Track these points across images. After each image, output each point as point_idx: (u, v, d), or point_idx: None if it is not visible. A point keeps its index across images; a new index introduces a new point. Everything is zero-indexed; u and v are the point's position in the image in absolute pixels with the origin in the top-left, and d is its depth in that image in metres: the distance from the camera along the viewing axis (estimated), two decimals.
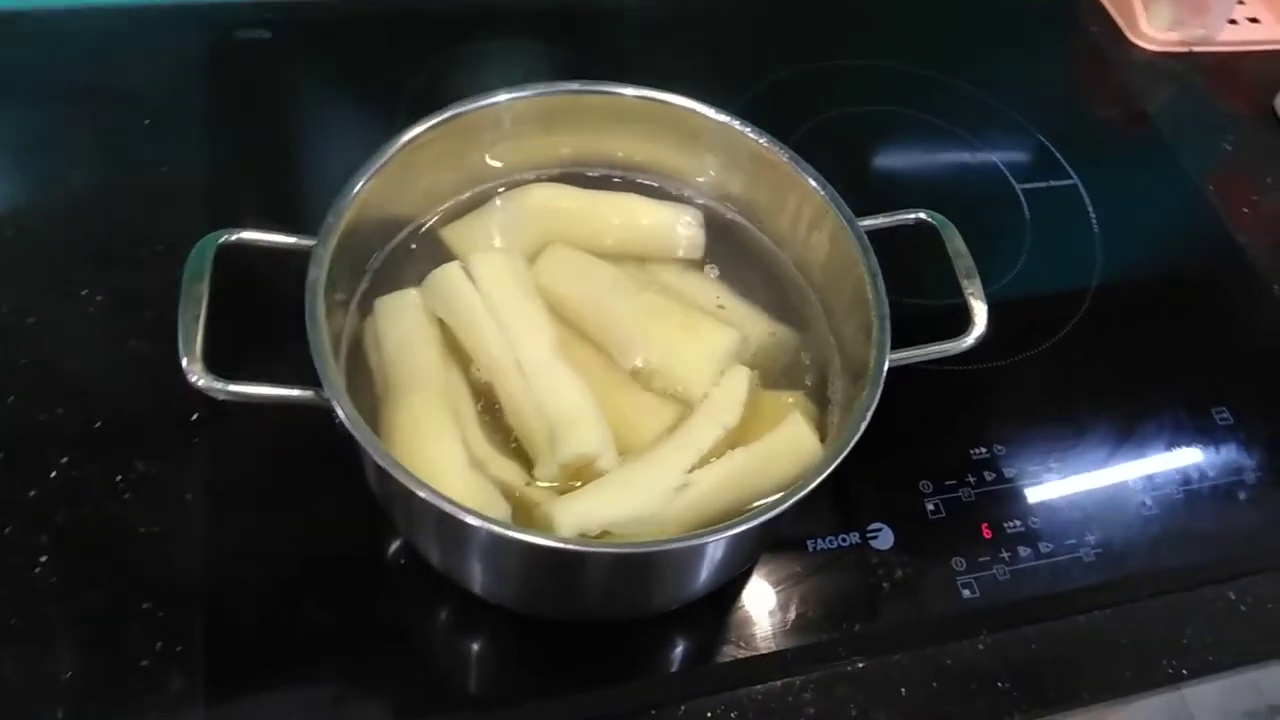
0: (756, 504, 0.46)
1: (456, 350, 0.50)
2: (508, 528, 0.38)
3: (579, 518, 0.43)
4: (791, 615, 0.53)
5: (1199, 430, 0.63)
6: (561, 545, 0.38)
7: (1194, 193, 0.78)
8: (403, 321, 0.50)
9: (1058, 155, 0.78)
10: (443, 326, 0.50)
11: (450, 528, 0.39)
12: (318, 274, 0.43)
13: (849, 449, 0.42)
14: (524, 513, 0.45)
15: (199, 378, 0.40)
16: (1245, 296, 0.72)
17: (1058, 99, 0.84)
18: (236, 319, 0.50)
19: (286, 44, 0.73)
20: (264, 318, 0.48)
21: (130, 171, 0.65)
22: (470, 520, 0.38)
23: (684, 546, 0.39)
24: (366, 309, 0.51)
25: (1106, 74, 0.86)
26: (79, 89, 0.69)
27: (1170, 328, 0.69)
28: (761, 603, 0.53)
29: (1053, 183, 0.76)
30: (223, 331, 0.45)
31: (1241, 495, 0.61)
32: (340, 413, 0.40)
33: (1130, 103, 0.83)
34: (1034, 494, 0.59)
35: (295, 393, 0.42)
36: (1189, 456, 0.62)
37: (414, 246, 0.54)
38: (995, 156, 0.77)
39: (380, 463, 0.39)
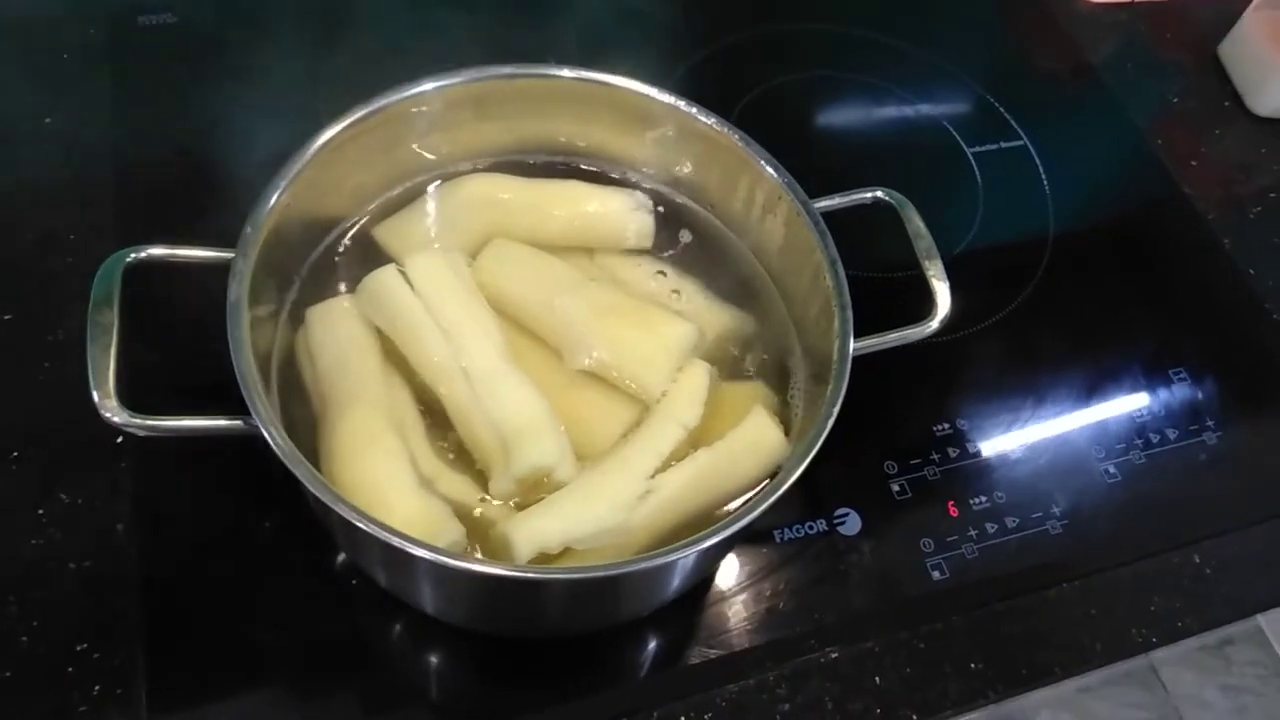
0: (723, 507, 0.44)
1: (397, 359, 0.47)
2: (460, 559, 0.36)
3: (538, 537, 0.40)
4: (762, 609, 0.51)
5: (1158, 393, 0.63)
6: (518, 575, 0.36)
7: (1142, 147, 0.77)
8: (337, 332, 0.47)
9: (1006, 115, 0.76)
10: (381, 334, 0.47)
11: (399, 558, 0.37)
12: (239, 292, 0.40)
13: (817, 449, 0.40)
14: (479, 533, 0.43)
15: (114, 414, 0.37)
16: (1197, 252, 0.72)
17: (1002, 55, 0.82)
18: (154, 339, 0.47)
19: (195, 28, 0.68)
20: (184, 336, 0.45)
21: (32, 175, 0.60)
22: (419, 553, 0.35)
23: (647, 567, 0.37)
24: (297, 320, 0.48)
25: (1050, 27, 0.84)
26: None
27: (1125, 288, 0.69)
28: (731, 599, 0.51)
29: (1002, 144, 0.75)
30: (140, 355, 0.42)
31: (1202, 457, 0.61)
32: (273, 444, 0.37)
33: (1075, 56, 0.82)
34: (999, 468, 0.58)
35: (222, 423, 0.39)
36: (1149, 420, 0.62)
37: (345, 249, 0.51)
38: (944, 120, 0.75)
39: (320, 496, 0.36)
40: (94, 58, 0.65)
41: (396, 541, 0.35)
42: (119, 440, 0.51)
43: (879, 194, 0.50)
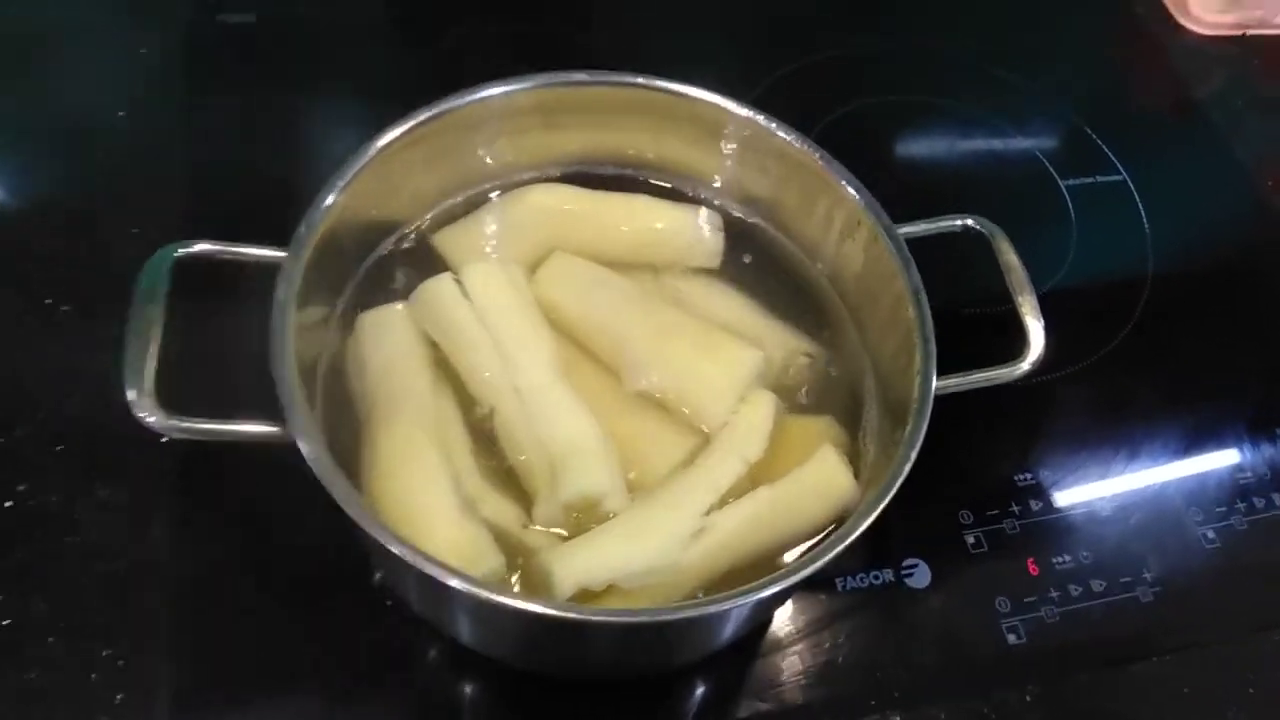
0: (783, 552, 0.41)
1: (449, 372, 0.45)
2: (495, 592, 0.33)
3: (580, 572, 0.38)
4: (820, 662, 0.48)
5: (1263, 453, 0.58)
6: (554, 613, 0.33)
7: (1250, 190, 0.72)
8: (388, 340, 0.45)
9: (1104, 148, 0.72)
10: (434, 345, 0.45)
11: (433, 587, 0.34)
12: (287, 292, 0.38)
13: (891, 495, 0.37)
14: (519, 561, 0.40)
15: (148, 414, 0.36)
16: None
17: (1103, 86, 0.78)
18: (204, 339, 0.45)
19: (273, 29, 0.67)
20: (234, 338, 0.43)
21: (101, 169, 0.60)
22: (454, 583, 0.33)
23: (695, 615, 0.34)
24: (349, 325, 0.46)
25: (1155, 59, 0.79)
26: (49, 74, 0.64)
27: (1229, 337, 0.64)
28: (786, 649, 0.48)
29: (1099, 178, 0.70)
30: (184, 352, 0.40)
31: None
32: (306, 454, 0.35)
33: (1180, 90, 0.77)
34: (1085, 525, 0.54)
35: (257, 429, 0.37)
36: (1253, 482, 0.57)
37: (401, 255, 0.49)
38: (1037, 150, 0.71)
39: (353, 516, 0.34)
40: (171, 53, 0.65)
41: (430, 569, 0.33)
42: (163, 439, 0.50)
43: (969, 222, 0.47)
